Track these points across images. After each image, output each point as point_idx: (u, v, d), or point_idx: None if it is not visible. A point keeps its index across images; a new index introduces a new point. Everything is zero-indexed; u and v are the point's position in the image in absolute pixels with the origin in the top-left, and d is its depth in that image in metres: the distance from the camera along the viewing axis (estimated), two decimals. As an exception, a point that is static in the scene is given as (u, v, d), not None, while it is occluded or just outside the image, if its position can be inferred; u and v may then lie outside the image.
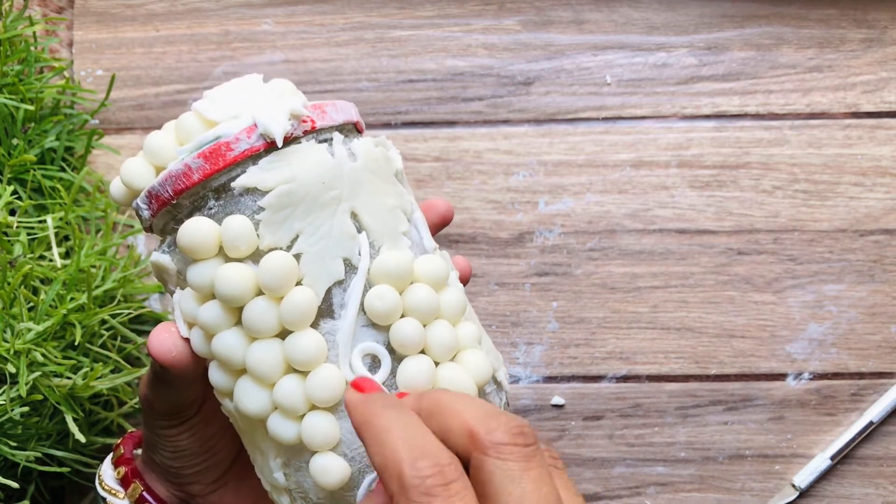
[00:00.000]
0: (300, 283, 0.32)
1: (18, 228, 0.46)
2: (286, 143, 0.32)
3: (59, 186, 0.48)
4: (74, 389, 0.43)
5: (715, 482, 0.51)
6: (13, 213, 0.48)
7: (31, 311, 0.43)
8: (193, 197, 0.32)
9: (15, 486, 0.42)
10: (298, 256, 0.32)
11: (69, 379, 0.43)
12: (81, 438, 0.43)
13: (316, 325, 0.32)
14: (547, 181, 0.53)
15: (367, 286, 0.33)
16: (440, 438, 0.26)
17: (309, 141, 0.33)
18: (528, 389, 0.52)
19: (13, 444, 0.44)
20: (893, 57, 0.54)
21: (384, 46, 0.55)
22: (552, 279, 0.53)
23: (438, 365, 0.33)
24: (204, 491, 0.39)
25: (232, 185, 0.32)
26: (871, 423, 0.50)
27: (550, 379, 0.52)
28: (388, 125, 0.54)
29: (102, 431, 0.49)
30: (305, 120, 0.33)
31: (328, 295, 0.32)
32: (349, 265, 0.33)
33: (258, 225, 0.32)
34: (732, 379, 0.52)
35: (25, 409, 0.42)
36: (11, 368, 0.41)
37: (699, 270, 0.52)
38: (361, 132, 0.36)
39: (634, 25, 0.54)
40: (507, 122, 0.54)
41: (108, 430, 0.49)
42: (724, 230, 0.52)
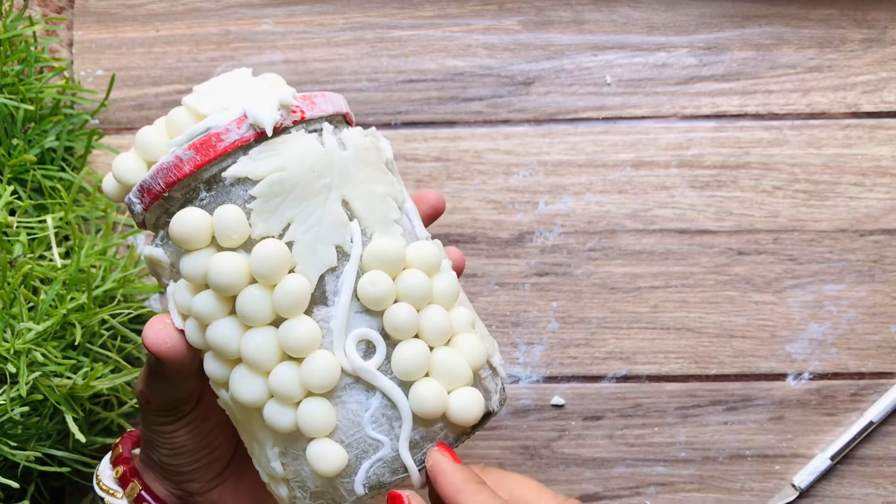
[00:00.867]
0: (293, 270, 0.32)
1: (18, 228, 0.46)
2: (276, 133, 0.32)
3: (59, 186, 0.48)
4: (74, 389, 0.43)
5: (715, 482, 0.51)
6: (13, 213, 0.48)
7: (31, 310, 0.43)
8: (185, 189, 0.32)
9: (15, 485, 0.42)
10: (291, 244, 0.32)
11: (69, 379, 0.43)
12: (81, 438, 0.43)
13: (309, 312, 0.32)
14: (547, 181, 0.53)
15: (359, 272, 0.33)
16: None
17: (299, 131, 0.33)
18: (528, 389, 0.52)
19: (13, 444, 0.44)
20: (893, 57, 0.54)
21: (384, 46, 0.55)
22: (552, 279, 0.53)
23: (433, 349, 0.33)
24: (202, 488, 0.39)
25: (223, 175, 0.32)
26: (871, 423, 0.50)
27: (550, 379, 0.52)
28: (388, 125, 0.54)
29: (102, 431, 0.49)
30: (295, 110, 0.33)
31: (321, 282, 0.32)
32: (341, 252, 0.33)
33: (250, 214, 0.32)
34: (732, 379, 0.52)
35: (25, 408, 0.42)
36: (11, 368, 0.41)
37: (699, 270, 0.52)
38: (351, 123, 0.36)
39: (634, 25, 0.54)
40: (507, 122, 0.54)
41: (108, 429, 0.49)
42: (724, 230, 0.52)
